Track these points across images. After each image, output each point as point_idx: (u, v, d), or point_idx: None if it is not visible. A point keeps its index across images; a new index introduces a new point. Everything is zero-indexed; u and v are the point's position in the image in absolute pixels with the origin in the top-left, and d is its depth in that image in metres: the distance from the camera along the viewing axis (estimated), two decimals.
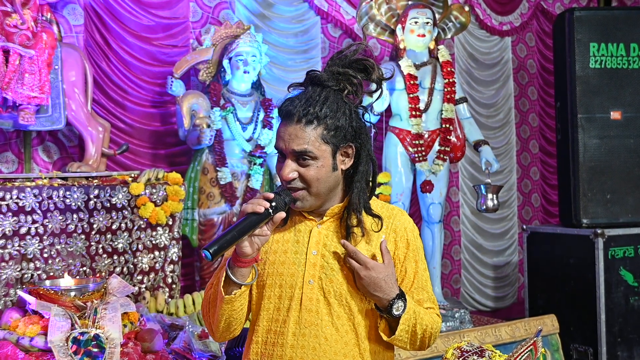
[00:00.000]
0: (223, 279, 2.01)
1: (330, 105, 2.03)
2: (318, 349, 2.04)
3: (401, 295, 2.04)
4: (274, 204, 1.96)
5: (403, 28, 5.25)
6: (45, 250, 3.93)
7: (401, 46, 5.31)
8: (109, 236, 4.14)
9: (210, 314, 2.11)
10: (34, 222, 3.90)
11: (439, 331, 2.19)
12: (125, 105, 5.07)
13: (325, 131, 2.02)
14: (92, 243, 4.09)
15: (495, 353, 2.06)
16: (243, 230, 1.92)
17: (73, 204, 4.01)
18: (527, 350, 2.00)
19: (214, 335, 2.14)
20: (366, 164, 2.13)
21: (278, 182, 4.97)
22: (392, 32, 5.39)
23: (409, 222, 2.22)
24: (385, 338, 2.08)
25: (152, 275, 4.30)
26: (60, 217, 3.97)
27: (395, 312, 2.03)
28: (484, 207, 5.10)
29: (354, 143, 2.09)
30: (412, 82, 5.16)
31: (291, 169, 2.02)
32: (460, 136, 5.39)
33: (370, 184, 2.18)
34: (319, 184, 2.04)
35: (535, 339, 2.04)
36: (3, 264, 3.79)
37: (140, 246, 4.26)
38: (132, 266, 4.23)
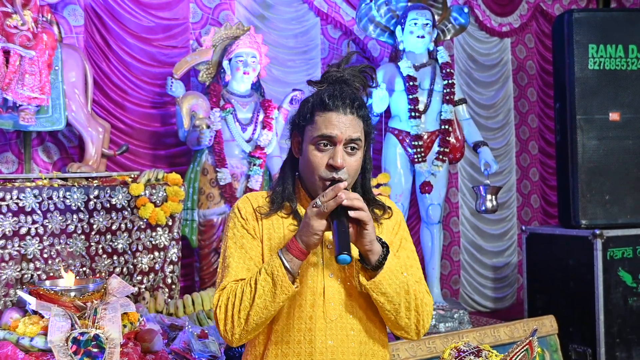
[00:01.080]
0: (282, 272, 1.96)
1: (363, 101, 2.14)
2: (346, 340, 2.07)
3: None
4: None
5: (402, 29, 5.26)
6: (45, 250, 3.94)
7: (400, 47, 5.33)
8: (108, 236, 4.15)
9: (247, 313, 2.00)
10: (34, 222, 3.91)
11: (432, 312, 2.18)
12: (125, 106, 5.08)
13: (364, 123, 2.12)
14: (92, 243, 4.09)
15: (492, 353, 2.07)
16: (347, 224, 1.94)
17: (73, 204, 4.02)
18: (522, 350, 2.01)
19: (242, 334, 2.03)
20: (369, 157, 2.23)
21: None
22: (392, 34, 5.41)
23: (400, 214, 2.31)
24: (367, 284, 2.03)
25: (151, 275, 4.31)
26: (60, 218, 3.98)
27: (384, 260, 2.02)
28: (483, 208, 5.11)
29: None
30: (411, 83, 5.17)
31: (343, 156, 2.05)
32: (460, 137, 5.40)
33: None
34: (355, 174, 2.12)
35: (530, 338, 2.04)
36: (3, 264, 3.80)
37: (140, 247, 4.27)
38: (131, 266, 4.24)
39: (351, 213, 1.94)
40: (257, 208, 2.15)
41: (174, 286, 4.39)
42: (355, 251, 2.04)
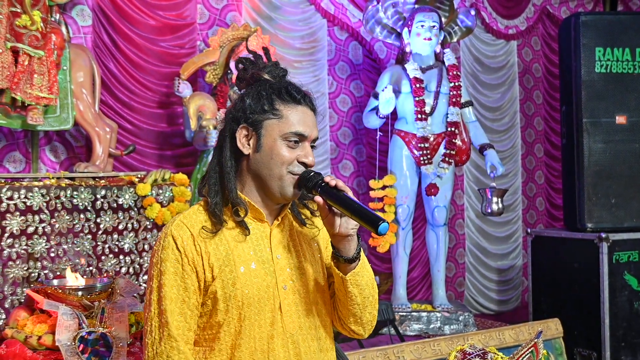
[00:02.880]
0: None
1: None
2: (308, 351, 2.00)
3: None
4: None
5: (409, 31, 5.27)
6: (52, 249, 3.95)
7: (407, 49, 5.33)
8: (115, 236, 4.16)
9: None
10: (41, 221, 3.92)
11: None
12: (133, 106, 5.10)
13: None
14: (99, 243, 4.10)
15: (498, 355, 2.07)
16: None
17: (80, 204, 4.04)
18: (528, 352, 2.01)
19: None
20: None
21: None
22: (399, 36, 5.42)
23: None
24: (347, 276, 1.98)
25: None
26: (68, 217, 3.99)
27: (359, 251, 1.99)
28: (489, 210, 5.12)
29: None
30: (418, 85, 5.18)
31: (312, 154, 2.01)
32: (466, 139, 5.40)
33: None
34: None
35: (535, 340, 2.05)
36: (10, 262, 3.81)
37: (146, 246, 4.28)
38: (138, 266, 4.25)
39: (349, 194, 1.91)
40: (198, 232, 1.94)
41: None
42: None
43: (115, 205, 4.15)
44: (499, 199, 5.10)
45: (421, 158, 5.19)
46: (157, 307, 1.90)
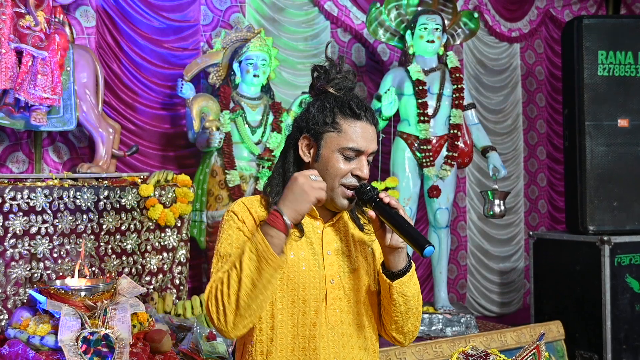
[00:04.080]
0: (264, 244, 1.90)
1: None
2: (347, 346, 2.09)
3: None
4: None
5: (412, 34, 5.27)
6: (55, 250, 3.96)
7: (410, 52, 5.33)
8: (118, 237, 4.17)
9: (237, 296, 1.92)
10: (44, 222, 3.93)
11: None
12: (136, 107, 5.11)
13: None
14: (102, 244, 4.11)
15: (500, 357, 2.08)
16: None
17: (83, 204, 4.04)
18: (530, 354, 2.02)
19: (237, 320, 1.93)
20: None
21: None
22: (402, 38, 5.42)
23: None
24: (394, 283, 2.06)
25: (160, 276, 4.33)
26: (70, 218, 4.00)
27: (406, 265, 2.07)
28: (491, 212, 5.11)
29: None
30: (420, 87, 5.18)
31: (367, 168, 2.10)
32: (468, 142, 5.41)
33: None
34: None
35: (538, 342, 2.05)
36: (13, 263, 3.82)
37: (148, 247, 4.29)
38: (140, 267, 4.26)
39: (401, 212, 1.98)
40: (254, 213, 2.11)
41: (182, 287, 4.40)
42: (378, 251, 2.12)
43: (118, 206, 4.16)
44: (501, 202, 5.10)
45: (423, 160, 5.19)
46: (216, 260, 2.06)
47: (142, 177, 4.42)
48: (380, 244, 2.06)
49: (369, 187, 2.04)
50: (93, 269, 4.07)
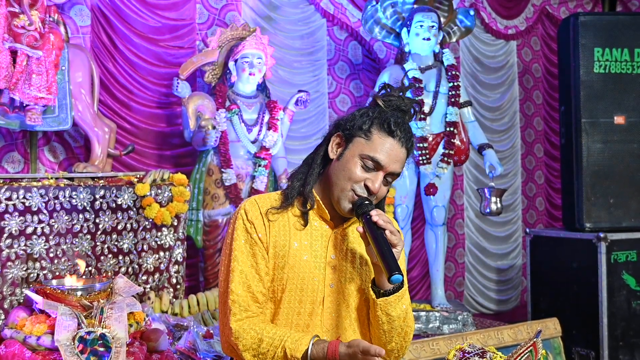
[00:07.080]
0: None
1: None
2: None
3: None
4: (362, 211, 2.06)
5: (408, 31, 5.27)
6: (51, 250, 3.95)
7: (406, 49, 5.33)
8: (114, 236, 4.16)
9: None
10: (40, 222, 3.92)
11: (411, 339, 2.23)
12: (131, 106, 5.10)
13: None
14: (98, 243, 4.10)
15: (497, 354, 2.07)
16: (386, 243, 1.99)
17: (79, 204, 4.04)
18: (526, 351, 2.01)
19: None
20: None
21: (282, 183, 4.99)
22: (398, 36, 5.42)
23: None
24: (378, 301, 2.08)
25: (156, 275, 4.32)
26: (67, 217, 3.99)
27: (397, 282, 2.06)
28: (488, 210, 5.12)
29: None
30: (416, 85, 5.17)
31: (380, 184, 2.10)
32: (465, 139, 5.41)
33: None
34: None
35: (535, 339, 2.05)
36: (9, 263, 3.81)
37: (145, 246, 4.28)
38: (137, 266, 4.25)
39: (387, 233, 1.99)
40: (265, 212, 2.14)
41: (179, 286, 4.40)
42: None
43: (114, 205, 4.16)
44: (498, 199, 5.10)
45: (420, 158, 5.19)
46: (226, 262, 2.15)
47: (138, 176, 4.41)
48: (370, 260, 2.09)
49: (366, 202, 2.06)
50: (89, 268, 4.06)
